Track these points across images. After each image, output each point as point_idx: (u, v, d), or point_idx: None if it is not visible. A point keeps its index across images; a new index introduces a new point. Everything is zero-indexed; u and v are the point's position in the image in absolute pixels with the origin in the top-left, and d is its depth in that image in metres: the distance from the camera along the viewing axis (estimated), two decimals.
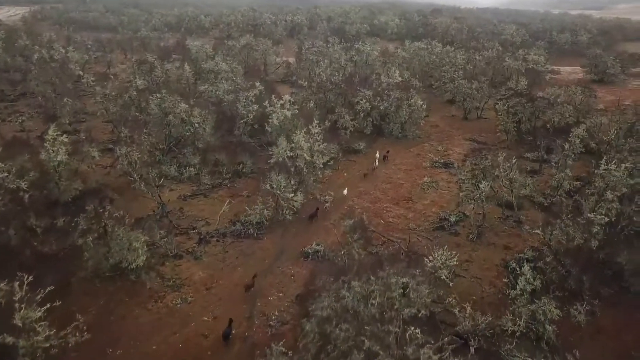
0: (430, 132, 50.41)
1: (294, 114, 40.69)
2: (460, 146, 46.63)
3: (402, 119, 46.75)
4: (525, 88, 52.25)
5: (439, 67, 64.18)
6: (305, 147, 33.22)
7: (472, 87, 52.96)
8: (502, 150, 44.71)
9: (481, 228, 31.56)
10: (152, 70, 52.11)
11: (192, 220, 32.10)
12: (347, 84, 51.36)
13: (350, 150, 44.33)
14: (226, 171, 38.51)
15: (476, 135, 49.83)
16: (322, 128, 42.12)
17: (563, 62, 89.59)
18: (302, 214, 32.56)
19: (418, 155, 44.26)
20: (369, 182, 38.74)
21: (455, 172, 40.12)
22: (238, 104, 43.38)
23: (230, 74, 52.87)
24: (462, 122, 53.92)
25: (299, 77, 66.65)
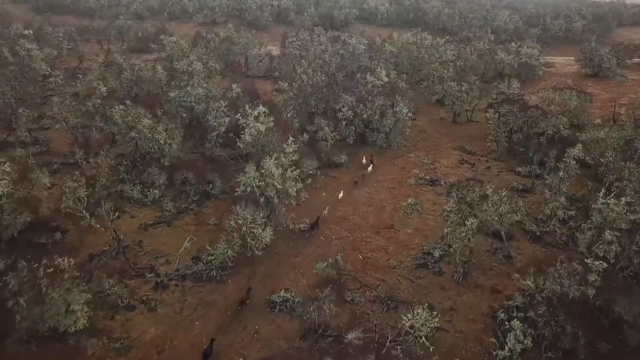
0: (416, 139, 47.09)
1: (268, 128, 37.26)
2: (448, 157, 43.39)
3: (386, 129, 43.34)
4: (517, 92, 48.75)
5: (428, 64, 60.47)
6: (277, 174, 29.87)
7: (462, 90, 49.46)
8: (492, 161, 41.71)
9: (468, 264, 28.61)
10: (121, 72, 48.15)
11: (152, 256, 28.93)
12: (329, 88, 47.72)
13: (330, 163, 41.02)
14: (194, 192, 35.18)
15: (465, 142, 46.56)
16: (300, 140, 39.00)
17: (557, 50, 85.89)
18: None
19: (403, 169, 41.02)
20: (349, 203, 35.56)
21: (442, 191, 37.05)
22: (209, 115, 39.79)
23: (203, 75, 48.84)
24: (451, 126, 50.61)
25: (281, 72, 62.76)
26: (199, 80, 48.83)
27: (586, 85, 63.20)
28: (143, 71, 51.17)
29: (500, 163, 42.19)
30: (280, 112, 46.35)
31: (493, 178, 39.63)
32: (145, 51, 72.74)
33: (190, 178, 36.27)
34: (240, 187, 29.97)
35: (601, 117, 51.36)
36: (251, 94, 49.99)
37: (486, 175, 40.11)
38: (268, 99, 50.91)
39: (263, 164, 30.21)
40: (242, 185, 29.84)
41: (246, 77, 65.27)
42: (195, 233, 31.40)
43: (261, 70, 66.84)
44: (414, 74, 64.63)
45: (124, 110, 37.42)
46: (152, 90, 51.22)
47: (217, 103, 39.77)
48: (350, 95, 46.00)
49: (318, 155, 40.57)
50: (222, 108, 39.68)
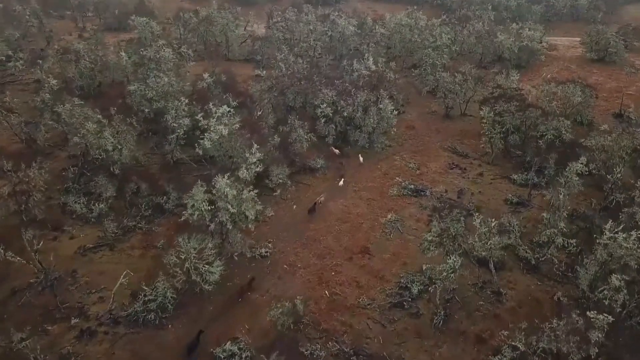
0: (404, 137, 42.24)
1: (233, 130, 32.56)
2: (437, 160, 38.68)
3: (369, 128, 38.52)
4: (515, 87, 43.57)
5: (421, 49, 55.04)
6: (231, 196, 25.34)
7: (455, 81, 44.34)
8: (485, 165, 37.04)
9: (450, 303, 24.38)
10: (79, 60, 43.04)
11: (85, 291, 24.77)
12: (309, 79, 42.65)
13: (305, 168, 36.33)
14: (146, 206, 30.74)
15: (457, 141, 41.74)
16: (271, 144, 34.37)
17: (561, 29, 79.75)
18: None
19: (385, 175, 36.39)
20: (322, 219, 31.13)
21: (427, 204, 32.55)
22: (167, 114, 35.01)
23: (171, 65, 43.79)
24: (442, 122, 45.68)
25: (263, 56, 57.48)
26: (166, 69, 43.93)
27: (591, 72, 57.90)
28: (111, 55, 45.98)
29: (494, 168, 37.54)
30: (257, 105, 41.59)
31: (485, 187, 35.09)
32: (122, 29, 67.15)
33: (143, 189, 31.65)
34: (187, 210, 25.43)
35: (607, 112, 46.62)
36: (224, 85, 44.95)
37: (478, 183, 35.53)
38: (244, 88, 45.83)
39: (215, 183, 25.63)
40: (190, 209, 25.31)
41: (226, 60, 59.94)
42: (141, 259, 27.19)
43: (243, 53, 61.40)
44: (407, 59, 59.25)
45: (70, 109, 32.57)
46: (118, 78, 46.15)
47: (177, 102, 34.75)
48: (332, 88, 40.96)
49: (291, 160, 35.87)
50: (183, 107, 34.73)
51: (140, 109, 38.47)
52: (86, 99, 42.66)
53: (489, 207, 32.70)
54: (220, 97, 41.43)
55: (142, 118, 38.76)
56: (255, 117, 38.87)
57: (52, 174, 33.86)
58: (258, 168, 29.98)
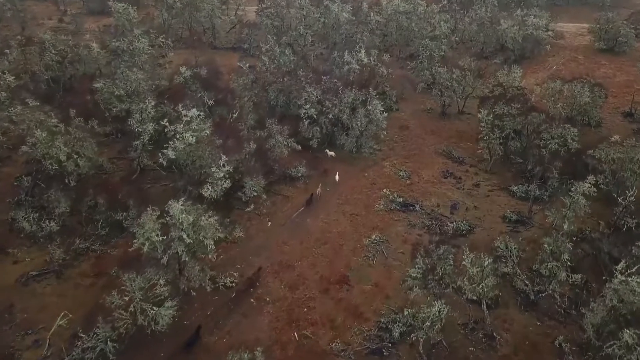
0: (395, 139, 38.47)
1: (200, 138, 28.91)
2: (431, 166, 35.00)
3: (356, 132, 34.75)
4: (517, 86, 39.42)
5: (419, 38, 50.85)
6: (186, 223, 21.85)
7: (452, 78, 40.34)
8: (482, 174, 33.39)
9: (437, 348, 21.05)
10: (44, 53, 39.10)
11: (21, 332, 21.51)
12: (293, 75, 38.69)
13: (285, 177, 32.74)
14: (103, 224, 27.36)
15: (454, 144, 38.01)
16: (246, 151, 30.79)
17: (568, 15, 74.98)
18: None
19: (372, 185, 32.79)
20: (298, 239, 27.70)
21: (416, 221, 29.06)
22: (131, 118, 31.36)
23: (145, 57, 39.94)
24: (438, 121, 41.84)
25: (251, 45, 53.42)
26: (140, 62, 40.12)
27: (599, 64, 53.61)
28: (84, 45, 42.07)
29: (492, 177, 33.90)
30: (236, 104, 37.84)
31: (481, 200, 31.48)
32: (105, 13, 62.79)
33: (101, 203, 28.18)
34: (137, 240, 21.96)
35: (617, 110, 42.72)
36: (204, 80, 41.00)
37: (473, 195, 31.94)
38: (226, 83, 41.88)
39: (168, 208, 22.13)
40: (140, 238, 21.84)
41: (213, 48, 55.87)
42: (89, 290, 23.93)
43: (230, 41, 57.27)
44: (404, 48, 55.05)
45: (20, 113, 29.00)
46: (90, 71, 42.30)
47: (142, 104, 31.00)
48: (318, 86, 37.12)
49: (269, 168, 32.30)
50: (148, 110, 31.00)
51: (107, 107, 34.80)
52: (51, 95, 39.37)
53: (485, 225, 29.19)
54: (197, 94, 37.75)
55: (110, 118, 35.25)
56: (231, 119, 35.11)
57: (6, 181, 30.67)
58: (225, 184, 26.46)
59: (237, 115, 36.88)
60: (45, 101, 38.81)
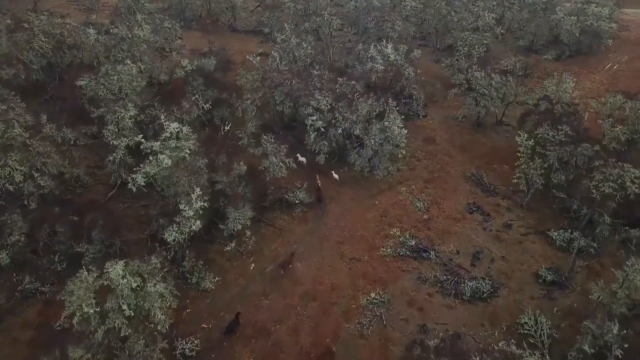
0: (418, 156, 32.55)
1: (178, 159, 24.00)
2: (455, 196, 29.12)
3: (369, 151, 29.00)
4: (568, 102, 32.17)
5: (458, 30, 43.80)
6: (127, 291, 17.18)
7: (491, 84, 33.65)
8: (516, 209, 27.35)
9: None
10: (32, 41, 34.58)
11: None
12: (304, 76, 32.89)
13: (281, 202, 27.61)
14: (60, 258, 23.15)
15: (485, 165, 31.82)
16: (237, 169, 25.78)
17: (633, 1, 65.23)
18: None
19: (382, 217, 27.31)
20: (282, 291, 22.78)
21: (428, 275, 23.56)
22: (106, 129, 26.70)
23: (143, 48, 34.96)
24: (471, 133, 35.41)
25: (271, 29, 47.64)
26: (139, 53, 35.21)
27: None
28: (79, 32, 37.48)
29: (527, 215, 27.76)
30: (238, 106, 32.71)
31: (512, 248, 25.57)
32: None
33: (61, 232, 23.92)
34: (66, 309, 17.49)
35: None
36: (207, 75, 35.85)
37: (502, 240, 26.04)
38: (234, 77, 36.54)
39: (107, 268, 17.49)
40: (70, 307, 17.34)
41: (232, 31, 50.43)
42: (29, 347, 19.78)
43: (252, 23, 51.52)
44: (442, 38, 48.06)
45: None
46: (88, 59, 37.78)
47: (119, 112, 26.20)
48: (333, 86, 31.41)
49: (263, 191, 27.23)
50: (127, 118, 26.23)
51: (91, 108, 30.33)
52: (41, 87, 35.23)
53: (512, 284, 23.46)
54: (196, 93, 32.81)
55: (96, 119, 30.77)
56: (223, 131, 30.00)
57: None
58: (194, 225, 21.56)
59: (240, 118, 31.82)
60: (33, 94, 35.06)
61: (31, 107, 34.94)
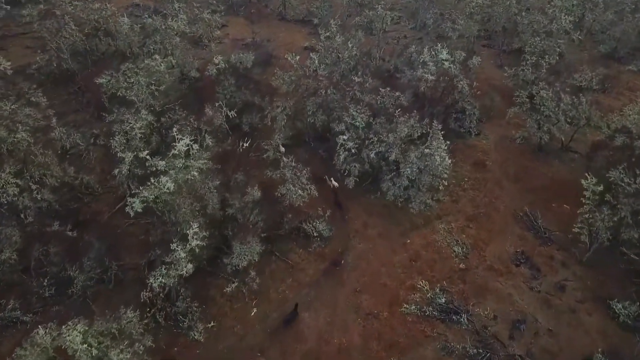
0: (463, 184, 27.98)
1: (185, 181, 20.95)
2: (500, 240, 24.57)
3: (404, 180, 24.79)
4: None
5: (528, 33, 37.90)
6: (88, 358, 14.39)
7: (559, 106, 28.26)
8: (574, 266, 22.58)
9: None
10: (61, 29, 32.18)
11: None
12: (341, 85, 28.83)
13: (299, 232, 24.14)
14: (51, 279, 20.92)
15: (542, 202, 26.86)
16: (243, 202, 22.56)
17: None
18: None
19: (411, 262, 23.27)
20: (280, 348, 19.47)
21: (455, 344, 19.51)
22: (113, 139, 23.97)
23: (175, 41, 31.91)
24: (530, 159, 30.25)
25: (321, 19, 43.44)
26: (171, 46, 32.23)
27: None
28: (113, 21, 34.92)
29: (587, 274, 22.89)
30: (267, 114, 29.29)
31: (562, 318, 20.98)
32: None
33: (54, 252, 21.65)
34: None
35: None
36: (240, 74, 32.56)
37: (552, 306, 21.46)
38: (270, 77, 32.93)
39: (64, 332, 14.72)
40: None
41: (280, 19, 46.60)
42: None
43: (301, 12, 47.36)
44: (509, 39, 42.20)
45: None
46: (123, 47, 35.28)
47: (127, 123, 23.35)
48: (375, 95, 27.35)
49: (279, 217, 23.84)
50: (135, 131, 23.37)
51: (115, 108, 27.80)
52: (70, 77, 33.14)
53: None
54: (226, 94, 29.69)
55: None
56: (240, 149, 26.64)
57: None
58: (186, 269, 18.49)
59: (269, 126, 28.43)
60: (64, 83, 33.15)
61: (61, 96, 33.64)
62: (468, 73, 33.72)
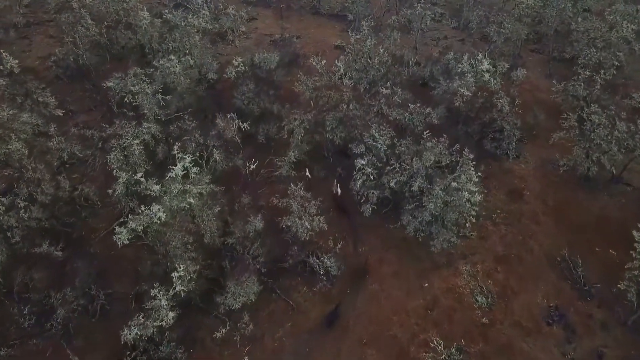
0: (495, 217, 24.65)
1: (180, 209, 18.74)
2: (531, 289, 21.34)
3: (426, 216, 21.70)
4: None
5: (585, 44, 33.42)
6: None
7: (613, 134, 24.35)
8: (615, 329, 19.21)
9: None
10: (77, 24, 30.12)
11: None
12: (364, 100, 25.81)
13: (305, 267, 21.59)
14: (32, 308, 19.21)
15: (585, 245, 23.28)
16: (253, 224, 20.21)
17: None
18: None
19: (426, 312, 20.43)
20: None
21: None
22: (108, 157, 21.86)
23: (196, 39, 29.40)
24: (572, 190, 26.52)
25: (356, 15, 40.04)
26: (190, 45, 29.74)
27: None
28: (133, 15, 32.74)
29: (630, 342, 19.50)
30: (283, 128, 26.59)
31: None
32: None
33: (38, 277, 19.91)
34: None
35: None
36: (260, 77, 29.89)
37: None
38: (294, 80, 30.04)
39: None
40: None
41: (313, 13, 43.44)
42: None
43: (336, 6, 43.92)
44: (560, 45, 37.75)
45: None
46: (142, 42, 33.10)
47: (125, 139, 21.17)
48: (402, 110, 24.32)
49: (284, 247, 21.34)
50: (134, 147, 21.19)
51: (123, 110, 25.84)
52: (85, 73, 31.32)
53: None
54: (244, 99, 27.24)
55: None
56: (247, 170, 24.04)
57: None
58: (166, 318, 16.28)
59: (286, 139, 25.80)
60: (80, 79, 31.37)
61: (75, 93, 31.95)
62: (510, 86, 30.06)
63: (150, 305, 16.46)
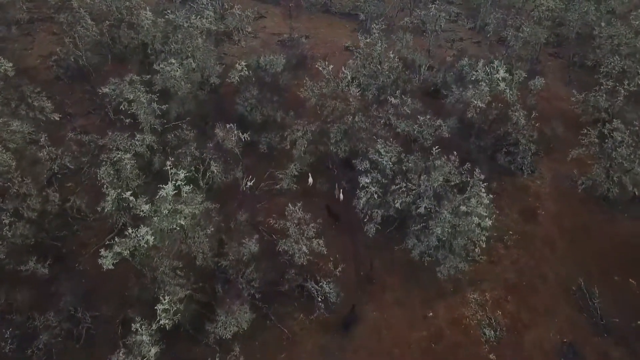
0: (507, 239, 23.02)
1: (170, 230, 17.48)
2: (544, 323, 19.74)
3: (432, 241, 20.14)
4: None
5: (608, 51, 31.28)
6: None
7: (636, 153, 22.48)
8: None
9: None
10: (75, 25, 28.74)
11: None
12: (376, 107, 24.23)
13: (302, 292, 20.22)
14: (14, 332, 18.13)
15: (601, 275, 21.55)
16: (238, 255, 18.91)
17: None
18: None
19: (430, 345, 18.95)
20: None
21: None
22: (100, 169, 20.62)
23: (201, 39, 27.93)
24: (590, 211, 24.75)
25: (367, 15, 38.18)
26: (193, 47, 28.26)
27: None
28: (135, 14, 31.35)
29: None
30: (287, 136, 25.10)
31: None
32: None
33: (22, 299, 18.82)
34: None
35: None
36: (264, 82, 28.39)
37: None
38: (300, 84, 28.49)
39: None
40: None
41: (324, 12, 41.68)
42: None
43: (347, 4, 42.06)
44: (582, 50, 35.61)
45: None
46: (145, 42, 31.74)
47: (116, 154, 19.90)
48: (411, 122, 22.73)
49: (280, 271, 20.00)
50: (126, 161, 19.91)
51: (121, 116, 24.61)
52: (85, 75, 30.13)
53: None
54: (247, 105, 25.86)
55: None
56: (244, 187, 22.62)
57: None
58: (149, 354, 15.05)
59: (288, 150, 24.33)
60: (81, 80, 30.20)
61: (75, 95, 30.83)
62: (527, 95, 28.16)
63: (132, 340, 15.24)
